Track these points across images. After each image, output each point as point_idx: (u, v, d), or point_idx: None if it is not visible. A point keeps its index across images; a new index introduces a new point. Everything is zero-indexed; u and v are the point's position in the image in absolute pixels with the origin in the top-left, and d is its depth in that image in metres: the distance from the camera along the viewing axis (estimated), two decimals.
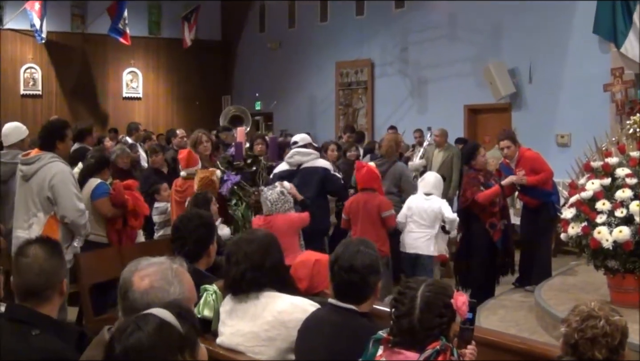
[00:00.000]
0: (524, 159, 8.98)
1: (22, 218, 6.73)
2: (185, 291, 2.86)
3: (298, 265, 5.07)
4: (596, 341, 3.14)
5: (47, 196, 6.59)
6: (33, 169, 6.64)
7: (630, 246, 6.54)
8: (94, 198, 7.58)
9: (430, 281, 3.22)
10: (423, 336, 3.07)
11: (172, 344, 2.33)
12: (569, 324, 3.22)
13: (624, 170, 6.90)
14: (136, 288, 2.81)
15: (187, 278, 2.92)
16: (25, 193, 6.72)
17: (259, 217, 7.53)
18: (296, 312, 3.90)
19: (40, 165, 6.63)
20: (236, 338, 3.98)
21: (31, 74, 21.23)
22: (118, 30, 19.42)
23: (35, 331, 3.24)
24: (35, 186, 6.61)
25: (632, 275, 6.73)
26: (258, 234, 4.21)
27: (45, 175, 6.59)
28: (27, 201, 6.70)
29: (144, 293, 2.78)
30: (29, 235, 6.26)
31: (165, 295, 2.78)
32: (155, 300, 2.74)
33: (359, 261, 3.63)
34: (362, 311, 3.65)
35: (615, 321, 3.18)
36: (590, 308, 3.21)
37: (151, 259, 2.93)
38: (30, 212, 6.67)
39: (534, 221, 9.16)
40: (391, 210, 8.24)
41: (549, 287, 8.23)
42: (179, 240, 4.73)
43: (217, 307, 4.27)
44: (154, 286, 2.80)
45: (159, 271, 2.86)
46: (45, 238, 3.59)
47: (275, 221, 7.21)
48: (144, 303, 2.73)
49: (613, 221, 6.69)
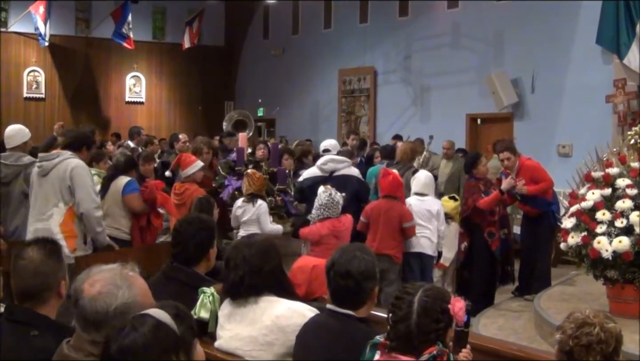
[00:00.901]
0: (524, 168, 9.00)
1: (40, 210, 6.90)
2: (137, 295, 2.79)
3: (296, 271, 5.08)
4: (591, 348, 3.14)
5: (68, 185, 6.83)
6: (53, 164, 6.89)
7: (630, 257, 6.55)
8: (126, 192, 7.77)
9: (427, 287, 3.23)
10: (420, 341, 3.08)
11: (168, 345, 2.35)
12: (564, 331, 3.22)
13: (625, 181, 6.91)
14: (86, 295, 2.76)
15: (139, 282, 2.87)
16: (44, 186, 6.92)
17: (321, 223, 7.43)
18: (294, 317, 3.89)
19: (61, 160, 6.90)
20: (234, 342, 3.98)
21: (34, 77, 21.26)
22: (122, 35, 19.47)
23: (34, 332, 3.25)
24: (56, 177, 6.84)
25: (631, 285, 6.74)
26: (257, 238, 4.22)
27: (65, 167, 6.85)
28: (46, 194, 6.90)
29: (92, 300, 2.74)
30: (49, 225, 6.75)
31: (113, 300, 2.74)
32: (104, 305, 2.72)
33: (355, 266, 3.64)
34: (359, 317, 3.66)
35: (609, 329, 3.18)
36: (585, 315, 3.22)
37: (103, 266, 2.88)
38: (50, 203, 6.86)
39: (534, 231, 9.18)
40: (413, 221, 8.22)
41: (548, 296, 8.23)
42: (179, 244, 4.73)
43: (214, 309, 4.27)
44: (102, 292, 2.75)
45: (108, 276, 2.81)
46: (43, 240, 3.59)
47: (346, 220, 7.47)
48: (93, 310, 2.73)
49: (613, 231, 6.71)
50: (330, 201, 7.38)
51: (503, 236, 8.94)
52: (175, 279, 4.61)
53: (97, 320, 2.73)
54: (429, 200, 8.66)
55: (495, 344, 4.61)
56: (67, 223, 6.87)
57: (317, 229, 7.44)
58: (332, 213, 7.37)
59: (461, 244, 9.32)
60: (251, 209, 8.36)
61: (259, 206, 8.39)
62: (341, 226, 7.39)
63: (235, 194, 9.42)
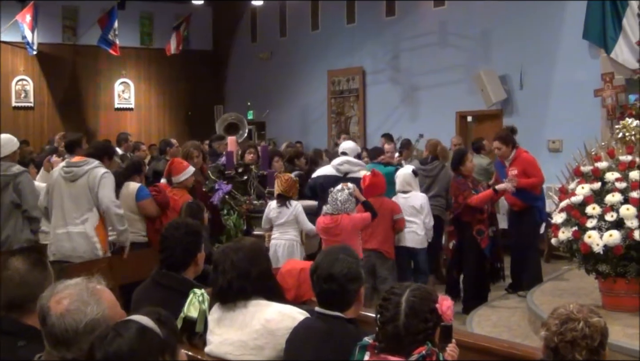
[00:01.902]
0: (519, 160, 9.04)
1: (72, 215, 7.25)
2: (105, 309, 2.77)
3: (284, 274, 5.07)
4: (576, 343, 3.13)
5: (97, 191, 7.26)
6: (83, 171, 7.29)
7: (621, 250, 6.55)
8: (140, 198, 8.05)
9: (414, 287, 3.22)
10: (408, 342, 3.07)
11: (153, 347, 2.36)
12: (549, 328, 3.21)
13: (614, 174, 6.91)
14: (53, 312, 2.73)
15: (106, 295, 2.83)
16: (74, 192, 7.30)
17: (325, 216, 7.79)
18: (284, 320, 3.89)
19: (90, 167, 7.32)
20: (224, 347, 3.97)
21: (23, 86, 21.17)
22: (107, 41, 19.40)
23: (21, 342, 3.23)
24: (86, 184, 7.26)
25: (623, 279, 6.75)
26: (245, 242, 4.20)
27: (95, 174, 7.28)
28: (77, 199, 7.28)
29: (60, 317, 2.71)
30: (85, 229, 7.24)
31: (82, 316, 2.71)
32: (73, 323, 2.69)
33: (338, 269, 3.64)
34: (348, 318, 3.66)
35: (594, 323, 3.18)
36: (569, 310, 3.21)
37: (67, 282, 2.84)
38: (83, 208, 7.26)
39: (519, 226, 9.22)
40: (401, 213, 8.57)
41: (541, 292, 8.24)
42: (167, 250, 4.71)
43: (203, 308, 4.27)
44: (70, 309, 2.72)
45: (74, 292, 2.77)
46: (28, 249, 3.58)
47: (342, 220, 7.66)
48: (61, 328, 2.70)
49: (603, 226, 6.71)
50: (348, 197, 7.71)
51: (492, 234, 8.94)
52: (164, 285, 4.60)
53: (66, 338, 2.70)
54: (411, 196, 8.97)
55: (489, 342, 4.62)
56: (100, 227, 7.35)
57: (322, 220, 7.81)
58: (347, 208, 7.70)
59: (449, 242, 9.36)
60: (287, 211, 8.50)
61: (295, 207, 8.56)
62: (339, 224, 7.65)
63: (225, 198, 9.39)
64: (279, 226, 8.53)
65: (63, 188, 7.34)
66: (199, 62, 23.15)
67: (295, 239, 8.52)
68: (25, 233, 7.63)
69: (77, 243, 7.25)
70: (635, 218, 6.59)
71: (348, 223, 7.65)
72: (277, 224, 8.54)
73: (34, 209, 7.67)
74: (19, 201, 7.58)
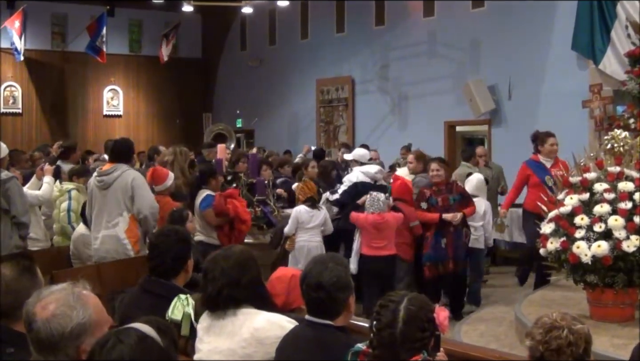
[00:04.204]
0: (561, 161, 9.02)
1: (105, 219, 7.50)
2: (92, 314, 2.76)
3: (275, 281, 5.06)
4: (561, 351, 3.14)
5: (130, 195, 7.48)
6: (113, 177, 7.50)
7: (609, 261, 6.56)
8: (202, 208, 8.42)
9: (412, 296, 3.22)
10: (404, 350, 3.07)
11: (153, 357, 2.34)
12: (533, 337, 3.22)
13: (602, 185, 6.92)
14: (39, 318, 2.72)
15: (92, 300, 2.82)
16: (107, 198, 7.53)
17: (372, 215, 8.77)
18: (273, 329, 3.87)
19: (120, 172, 7.52)
20: (214, 355, 3.95)
21: (11, 92, 21.15)
22: (95, 48, 19.39)
23: (9, 349, 3.21)
24: (119, 189, 7.48)
25: (611, 290, 6.75)
26: (235, 250, 4.18)
27: (127, 179, 7.48)
28: (109, 205, 7.52)
29: (46, 322, 2.70)
30: (116, 232, 7.48)
31: (68, 321, 2.70)
32: (59, 328, 2.69)
33: (326, 278, 3.63)
34: (338, 326, 3.65)
35: (578, 330, 3.18)
36: (553, 319, 3.22)
37: (52, 287, 2.84)
38: (114, 212, 7.49)
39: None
40: (417, 221, 9.11)
41: (529, 302, 8.24)
42: (157, 257, 4.70)
43: (187, 311, 4.28)
44: (56, 314, 2.71)
45: (60, 297, 2.76)
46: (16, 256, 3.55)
47: (388, 218, 8.81)
48: (47, 333, 2.69)
49: (592, 236, 6.71)
50: (385, 200, 8.90)
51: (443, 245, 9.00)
52: (153, 293, 4.58)
53: (52, 342, 2.69)
54: (478, 201, 9.57)
55: (477, 351, 4.62)
56: (132, 229, 7.53)
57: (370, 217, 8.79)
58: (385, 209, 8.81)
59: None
60: (319, 215, 9.06)
61: (324, 211, 9.20)
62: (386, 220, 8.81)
63: None
64: (309, 229, 8.95)
65: (97, 195, 7.62)
66: (188, 70, 23.18)
67: (321, 242, 9.01)
68: (14, 239, 7.57)
69: (110, 246, 7.51)
70: (623, 228, 6.60)
71: (392, 220, 8.83)
72: (307, 228, 8.93)
73: (23, 215, 7.63)
74: (7, 207, 7.53)
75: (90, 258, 7.92)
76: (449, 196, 9.03)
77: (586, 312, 7.05)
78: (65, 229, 8.88)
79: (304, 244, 8.87)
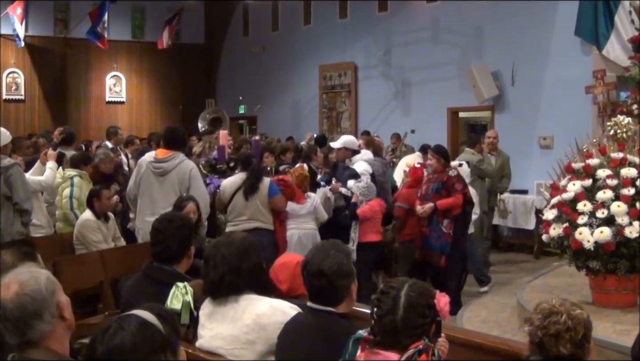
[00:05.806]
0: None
1: (160, 205, 7.54)
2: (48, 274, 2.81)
3: (278, 267, 5.07)
4: (560, 336, 3.15)
5: (187, 185, 7.70)
6: (172, 165, 7.72)
7: (611, 247, 6.56)
8: (272, 195, 8.36)
9: (412, 282, 3.22)
10: (405, 336, 3.07)
11: (155, 344, 2.35)
12: (532, 322, 3.23)
13: (605, 171, 6.92)
14: (4, 297, 2.71)
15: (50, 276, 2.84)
16: (164, 184, 7.74)
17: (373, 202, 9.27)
18: (275, 315, 3.88)
19: (178, 162, 7.76)
20: (216, 342, 3.96)
21: (14, 79, 21.11)
22: (96, 34, 19.35)
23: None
24: (176, 177, 7.71)
25: (613, 276, 6.76)
26: (236, 237, 4.18)
27: (185, 169, 7.74)
28: (166, 191, 7.69)
29: (14, 298, 2.70)
30: None
31: (37, 286, 2.72)
32: (29, 300, 2.69)
33: (328, 265, 3.63)
34: (340, 312, 3.66)
35: (577, 315, 3.19)
36: (551, 304, 3.23)
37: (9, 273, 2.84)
38: (170, 200, 7.50)
39: None
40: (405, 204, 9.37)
41: (531, 288, 8.25)
42: (161, 243, 4.70)
43: (186, 300, 4.28)
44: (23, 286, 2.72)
45: (20, 274, 2.77)
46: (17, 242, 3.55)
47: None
48: (19, 308, 2.69)
49: (594, 222, 6.72)
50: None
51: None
52: (155, 279, 4.59)
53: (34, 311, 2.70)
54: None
55: (479, 337, 4.62)
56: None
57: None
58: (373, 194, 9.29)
59: None
60: (306, 203, 8.91)
61: (314, 199, 9.06)
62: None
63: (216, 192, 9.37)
64: (298, 217, 8.91)
65: (153, 180, 7.79)
66: (191, 56, 23.14)
67: (314, 229, 8.94)
68: (16, 226, 7.57)
69: None
70: (626, 214, 6.60)
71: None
72: (297, 215, 8.89)
73: (25, 202, 7.62)
74: (10, 194, 7.53)
75: (95, 244, 7.93)
76: (431, 185, 8.95)
77: (588, 298, 7.06)
78: (67, 215, 8.87)
79: (294, 231, 8.83)
